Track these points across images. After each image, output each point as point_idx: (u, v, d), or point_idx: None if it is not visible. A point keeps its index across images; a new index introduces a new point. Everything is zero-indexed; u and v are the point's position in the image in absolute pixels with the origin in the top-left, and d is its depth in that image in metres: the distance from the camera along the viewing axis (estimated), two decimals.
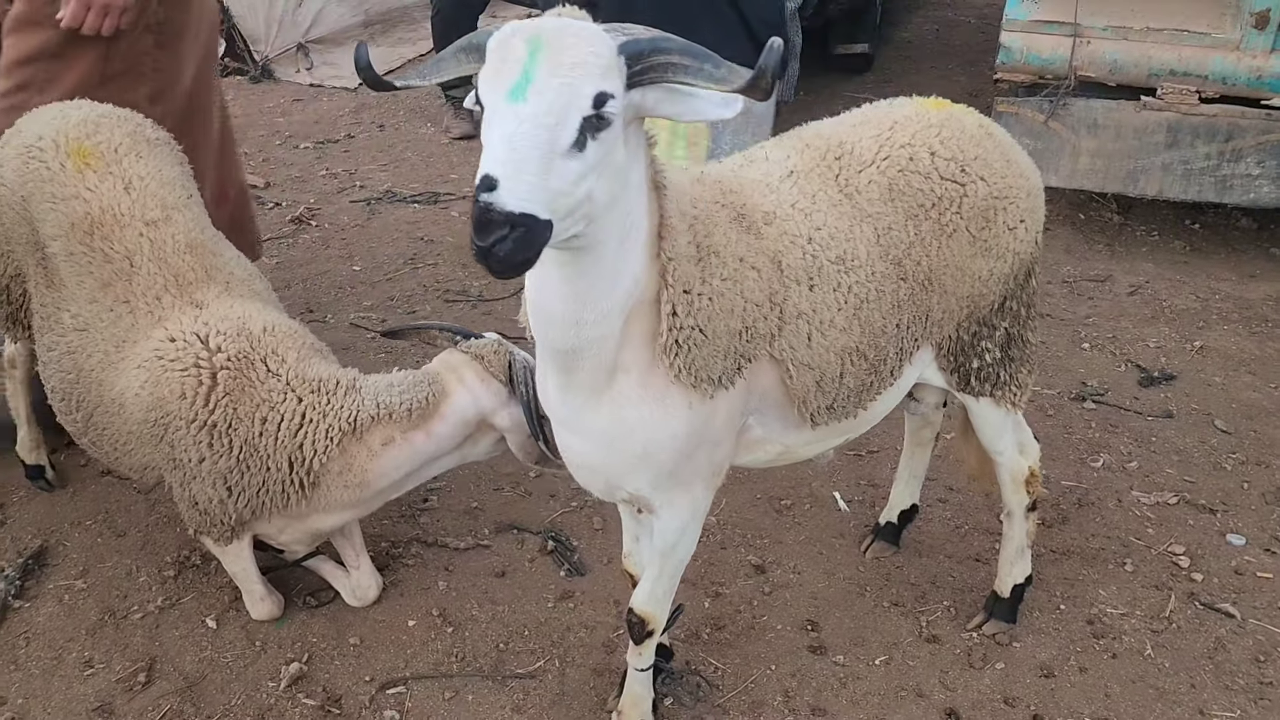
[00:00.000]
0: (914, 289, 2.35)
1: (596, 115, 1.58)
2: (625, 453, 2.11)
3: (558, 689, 2.79)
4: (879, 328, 2.31)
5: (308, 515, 2.75)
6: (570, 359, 1.97)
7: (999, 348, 2.58)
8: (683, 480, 2.20)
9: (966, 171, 2.38)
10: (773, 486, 3.59)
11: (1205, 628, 3.00)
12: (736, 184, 2.23)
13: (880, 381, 2.40)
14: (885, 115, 2.45)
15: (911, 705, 2.74)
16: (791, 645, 2.93)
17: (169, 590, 3.09)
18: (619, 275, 1.86)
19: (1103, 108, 5.03)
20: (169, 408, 2.63)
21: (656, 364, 2.00)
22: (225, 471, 2.62)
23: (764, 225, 2.17)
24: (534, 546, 3.30)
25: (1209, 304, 4.93)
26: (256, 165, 6.32)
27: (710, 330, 2.01)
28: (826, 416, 2.33)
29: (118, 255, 2.77)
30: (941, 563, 3.27)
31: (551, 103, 1.55)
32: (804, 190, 2.27)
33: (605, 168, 1.65)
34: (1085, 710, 2.73)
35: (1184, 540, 3.35)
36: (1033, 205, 2.52)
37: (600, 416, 2.06)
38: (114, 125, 2.93)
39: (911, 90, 2.76)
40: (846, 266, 2.23)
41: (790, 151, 2.37)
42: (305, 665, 2.83)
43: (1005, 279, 2.50)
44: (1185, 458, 3.78)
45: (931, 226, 2.35)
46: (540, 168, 1.53)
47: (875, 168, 2.33)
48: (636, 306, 1.94)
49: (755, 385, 2.19)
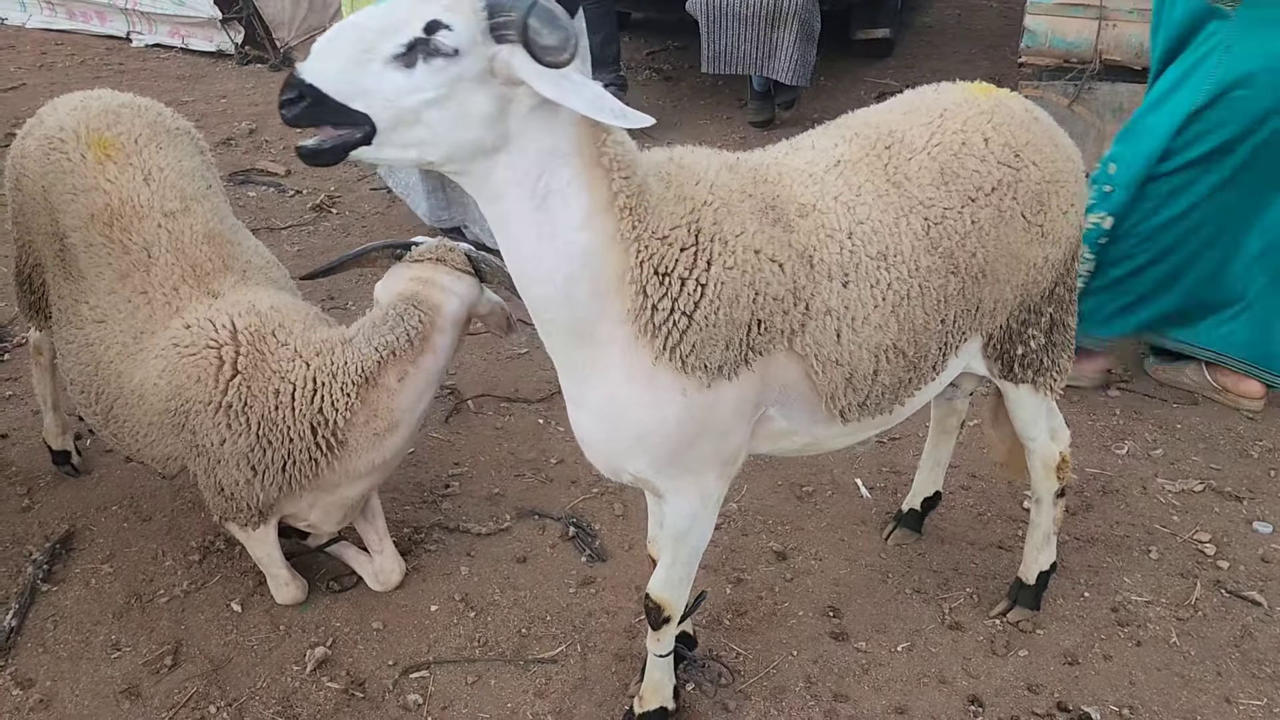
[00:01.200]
0: (965, 282, 2.32)
1: (425, 39, 1.70)
2: (621, 433, 2.13)
3: (580, 674, 2.79)
4: (921, 324, 2.28)
5: (338, 484, 2.76)
6: (537, 319, 2.05)
7: (1044, 334, 2.56)
8: (689, 468, 2.19)
9: (1020, 156, 2.36)
10: (794, 473, 3.58)
11: (1232, 615, 2.98)
12: (775, 173, 2.22)
13: (920, 378, 2.38)
14: (934, 102, 2.42)
15: (934, 692, 2.74)
16: (813, 631, 2.93)
17: (194, 574, 3.11)
18: (552, 239, 1.90)
19: (1128, 91, 4.96)
20: (187, 394, 2.65)
21: (638, 344, 2.01)
22: (246, 450, 2.63)
23: (798, 218, 2.15)
24: (555, 532, 3.30)
25: None
26: (278, 153, 6.34)
27: (700, 317, 2.00)
28: (859, 413, 2.30)
29: (136, 246, 2.79)
30: (964, 550, 3.25)
31: (389, 12, 1.72)
32: (849, 182, 2.24)
33: (448, 101, 1.73)
34: (1110, 698, 2.71)
35: (1210, 528, 3.32)
36: (1080, 189, 2.51)
37: (597, 393, 2.10)
38: (134, 116, 2.94)
39: (933, 75, 2.74)
40: (888, 262, 2.20)
41: (838, 140, 2.34)
42: (329, 649, 2.85)
43: (1058, 264, 2.49)
44: (1211, 445, 3.75)
45: (990, 214, 2.32)
46: (352, 60, 1.69)
47: (926, 153, 2.30)
48: (615, 283, 1.96)
49: (774, 378, 2.17)
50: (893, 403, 2.36)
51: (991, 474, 3.54)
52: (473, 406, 3.95)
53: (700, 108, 7.41)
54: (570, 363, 2.12)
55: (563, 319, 2.02)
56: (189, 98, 7.24)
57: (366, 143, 1.74)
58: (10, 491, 3.43)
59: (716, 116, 7.32)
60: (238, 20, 7.78)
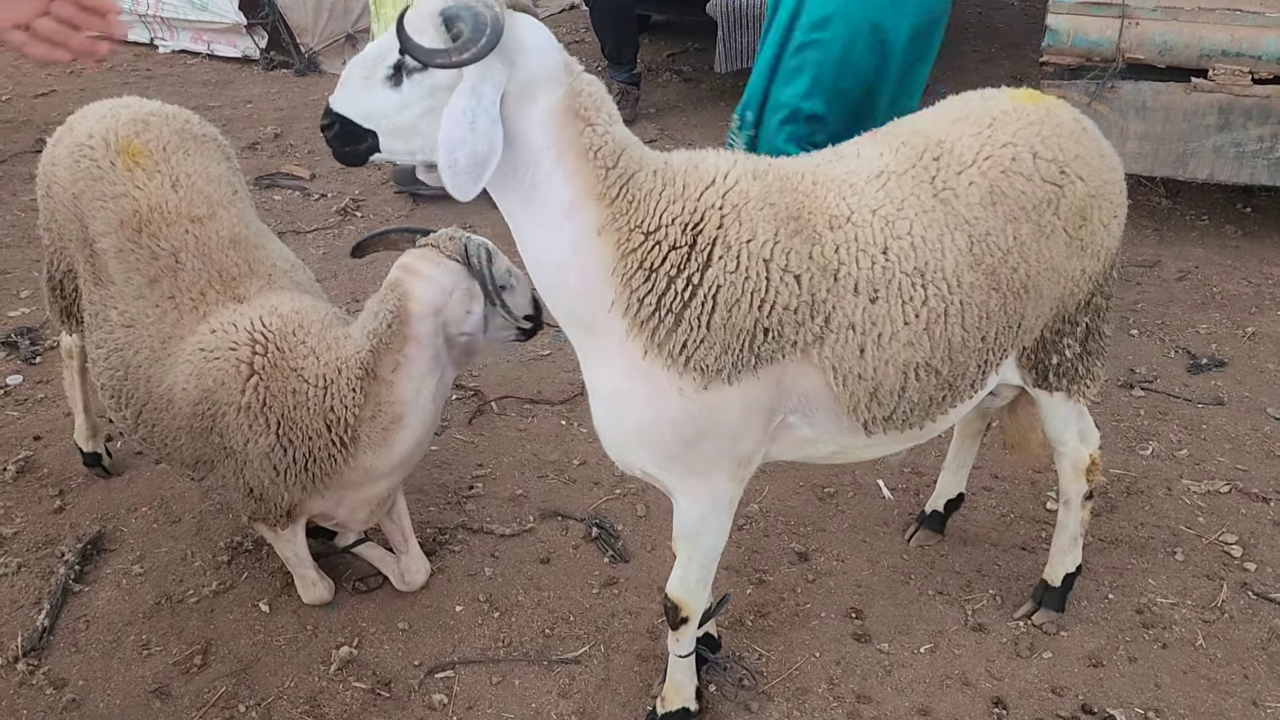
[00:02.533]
0: (1007, 298, 2.31)
1: (403, 59, 1.94)
2: (623, 423, 2.20)
3: (603, 674, 2.81)
4: (959, 342, 2.26)
5: (360, 482, 2.79)
6: (549, 305, 2.21)
7: (1079, 343, 2.56)
8: (696, 468, 2.21)
9: (1066, 173, 2.35)
10: (815, 474, 3.58)
11: (1259, 618, 2.96)
12: (808, 183, 2.21)
13: (955, 395, 2.36)
14: (982, 111, 2.39)
15: (958, 694, 2.74)
16: (836, 633, 2.93)
17: (223, 575, 3.15)
18: (543, 227, 2.03)
19: (1151, 90, 4.93)
20: (214, 397, 2.69)
21: (630, 336, 2.07)
22: (268, 450, 2.67)
23: (827, 230, 2.15)
24: (578, 533, 3.32)
25: (1261, 289, 4.83)
26: (303, 157, 6.39)
27: (691, 318, 2.03)
28: (884, 427, 2.30)
29: (164, 252, 2.83)
30: (987, 551, 3.25)
31: (381, 43, 1.99)
32: (891, 195, 2.22)
33: (433, 110, 1.95)
34: (1135, 700, 2.70)
35: (1236, 529, 3.30)
36: (1122, 200, 2.50)
37: (602, 382, 2.19)
38: (163, 123, 2.98)
39: (953, 74, 2.74)
40: (926, 279, 2.19)
41: (884, 149, 2.32)
42: (355, 649, 2.88)
43: (1095, 276, 2.48)
44: (1237, 445, 3.72)
45: (1031, 229, 2.31)
46: (358, 86, 2.01)
47: (976, 168, 2.28)
48: (603, 274, 2.04)
49: (792, 387, 2.18)
50: (924, 419, 2.34)
51: (1014, 474, 3.54)
52: (496, 408, 3.97)
53: (720, 109, 7.40)
54: (581, 351, 2.22)
55: (563, 306, 2.14)
56: (215, 103, 7.31)
57: (376, 149, 2.05)
58: (43, 493, 3.49)
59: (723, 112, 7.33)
60: (262, 26, 7.85)
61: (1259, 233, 5.40)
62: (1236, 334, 4.47)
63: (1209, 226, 5.49)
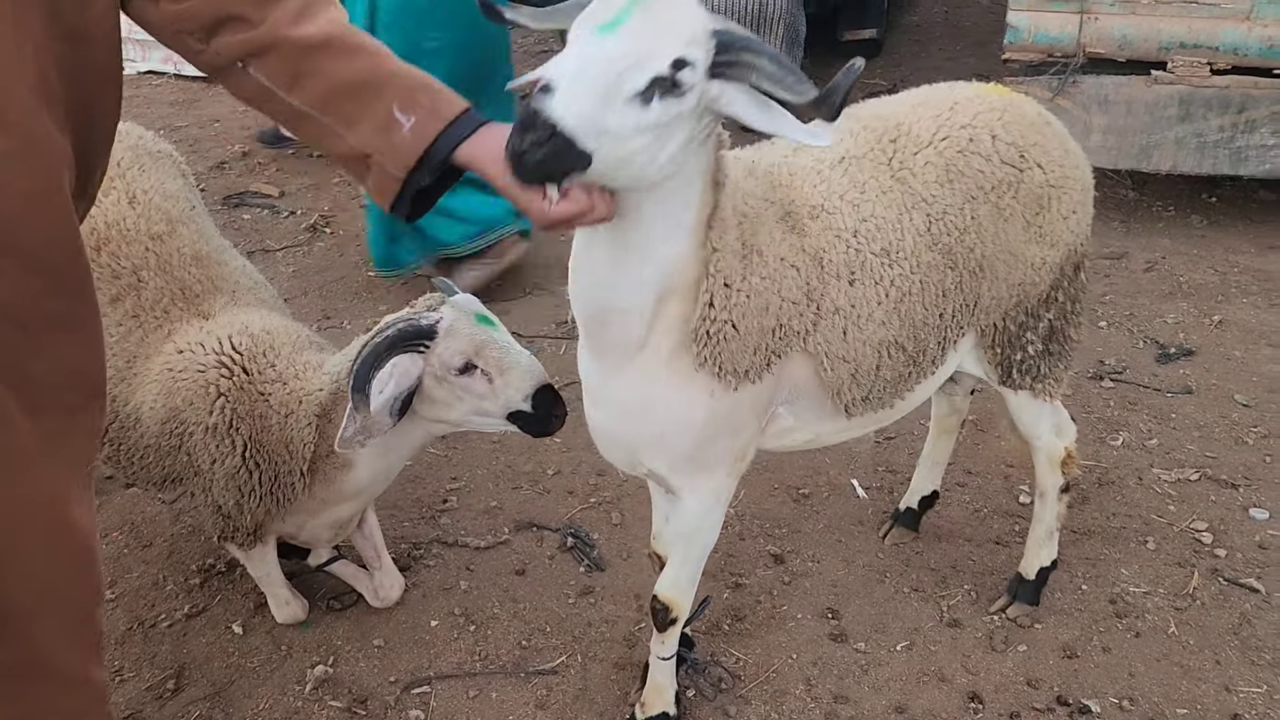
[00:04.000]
0: (963, 276, 2.35)
1: (671, 78, 1.63)
2: (644, 430, 2.17)
3: (580, 684, 2.80)
4: (920, 320, 2.31)
5: (323, 508, 2.77)
6: (600, 325, 2.05)
7: (1041, 340, 2.58)
8: (704, 465, 2.22)
9: (1025, 158, 2.38)
10: (790, 475, 3.59)
11: (1230, 604, 2.98)
12: (787, 175, 2.24)
13: (919, 372, 2.41)
14: (945, 96, 2.45)
15: (934, 690, 2.74)
16: (812, 634, 2.93)
17: (195, 598, 3.13)
18: (660, 252, 1.92)
19: (1113, 84, 4.99)
20: (182, 417, 2.66)
21: (684, 349, 2.04)
22: (234, 471, 2.64)
23: (809, 220, 2.18)
24: (553, 543, 3.32)
25: (1227, 277, 4.88)
26: (271, 175, 6.37)
27: (743, 326, 2.04)
28: (862, 408, 2.34)
29: (125, 270, 2.81)
30: (961, 547, 3.26)
31: (634, 46, 1.61)
32: (854, 179, 2.27)
33: (666, 138, 1.69)
34: (1109, 690, 2.72)
35: (1206, 516, 3.33)
36: (1085, 198, 2.53)
37: (623, 390, 2.13)
38: (116, 140, 2.95)
39: (921, 73, 2.77)
40: (891, 259, 2.24)
41: (845, 134, 2.35)
42: (331, 668, 2.86)
43: (1055, 268, 2.50)
44: (1206, 433, 3.76)
45: (989, 210, 2.35)
46: (600, 99, 1.59)
47: (933, 148, 2.33)
48: (674, 289, 1.98)
49: (787, 379, 2.21)
50: (893, 397, 2.39)
51: (987, 469, 3.56)
52: None
53: None
54: (604, 363, 2.13)
55: (633, 329, 2.02)
56: (183, 122, 7.28)
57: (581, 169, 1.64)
58: None
59: None
60: None
61: (1224, 221, 5.46)
62: (1204, 323, 4.51)
63: (1175, 217, 5.54)
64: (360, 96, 1.73)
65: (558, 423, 2.48)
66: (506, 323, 2.60)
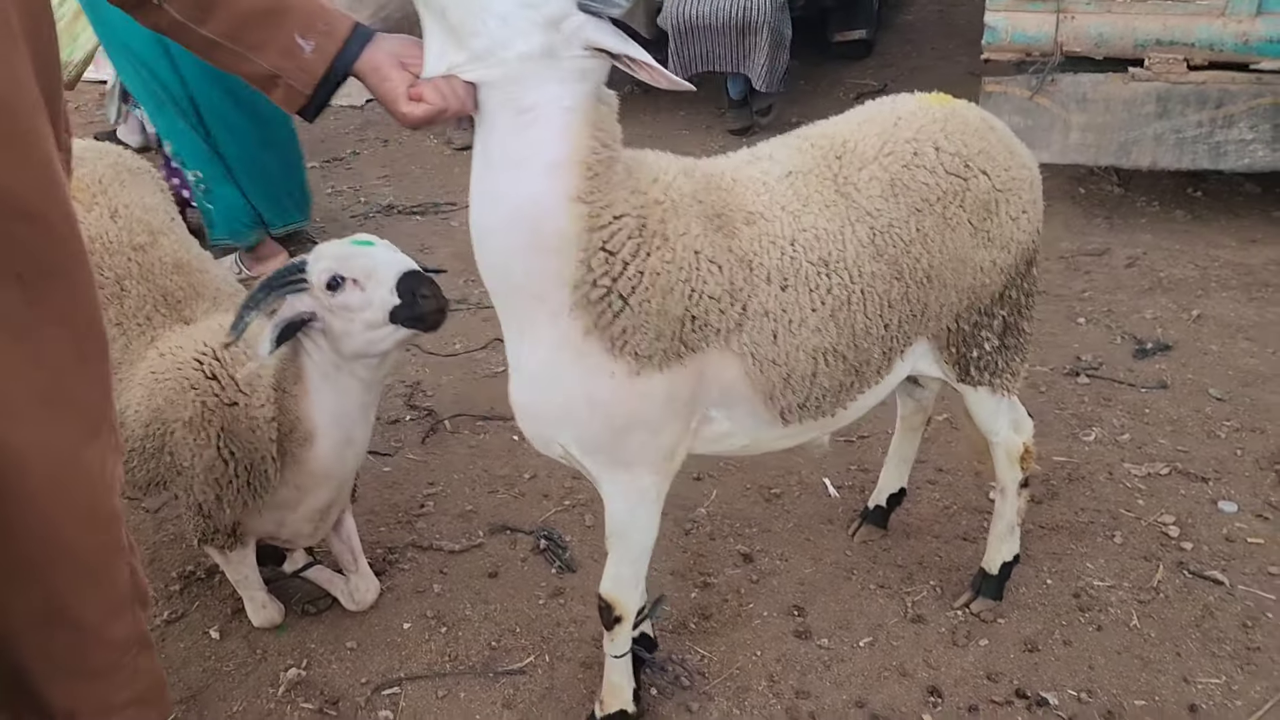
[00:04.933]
0: (910, 287, 2.39)
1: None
2: (549, 401, 2.22)
3: (547, 683, 2.85)
4: (861, 329, 2.35)
5: (296, 502, 2.82)
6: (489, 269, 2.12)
7: (997, 336, 2.61)
8: (621, 459, 2.26)
9: (970, 166, 2.42)
10: (762, 475, 3.63)
11: (1193, 596, 3.01)
12: (729, 181, 2.30)
13: (863, 381, 2.44)
14: (889, 112, 2.49)
15: (895, 685, 2.78)
16: (777, 631, 2.97)
17: (174, 604, 3.19)
18: (515, 170, 1.99)
19: (1091, 81, 5.01)
20: (163, 416, 2.74)
21: (573, 313, 2.09)
22: (210, 463, 2.71)
23: (744, 226, 2.24)
24: (526, 546, 3.37)
25: (1208, 272, 4.90)
26: None
27: (635, 303, 2.09)
28: (800, 414, 2.38)
29: (109, 280, 2.89)
30: (929, 543, 3.29)
31: None
32: (798, 192, 2.32)
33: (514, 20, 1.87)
34: (1068, 683, 2.74)
35: (1174, 510, 3.35)
36: (1034, 196, 2.57)
37: (527, 354, 2.19)
38: (96, 158, 3.05)
39: (913, 73, 2.80)
40: (829, 269, 2.28)
41: (794, 150, 2.42)
42: (304, 670, 2.92)
43: (1007, 269, 2.54)
44: (1179, 427, 3.78)
45: (934, 221, 2.39)
46: None
47: (877, 164, 2.37)
48: (545, 236, 2.02)
49: (713, 378, 2.25)
50: (835, 405, 2.42)
51: (958, 467, 3.59)
52: (449, 426, 4.02)
53: (680, 119, 7.50)
54: (509, 320, 2.19)
55: (501, 264, 2.09)
56: None
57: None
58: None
59: (696, 126, 7.41)
60: None
61: (1207, 216, 5.47)
62: (1182, 317, 4.53)
63: (1159, 212, 5.55)
64: (265, 24, 1.93)
65: (429, 302, 2.46)
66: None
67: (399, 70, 1.96)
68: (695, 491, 3.58)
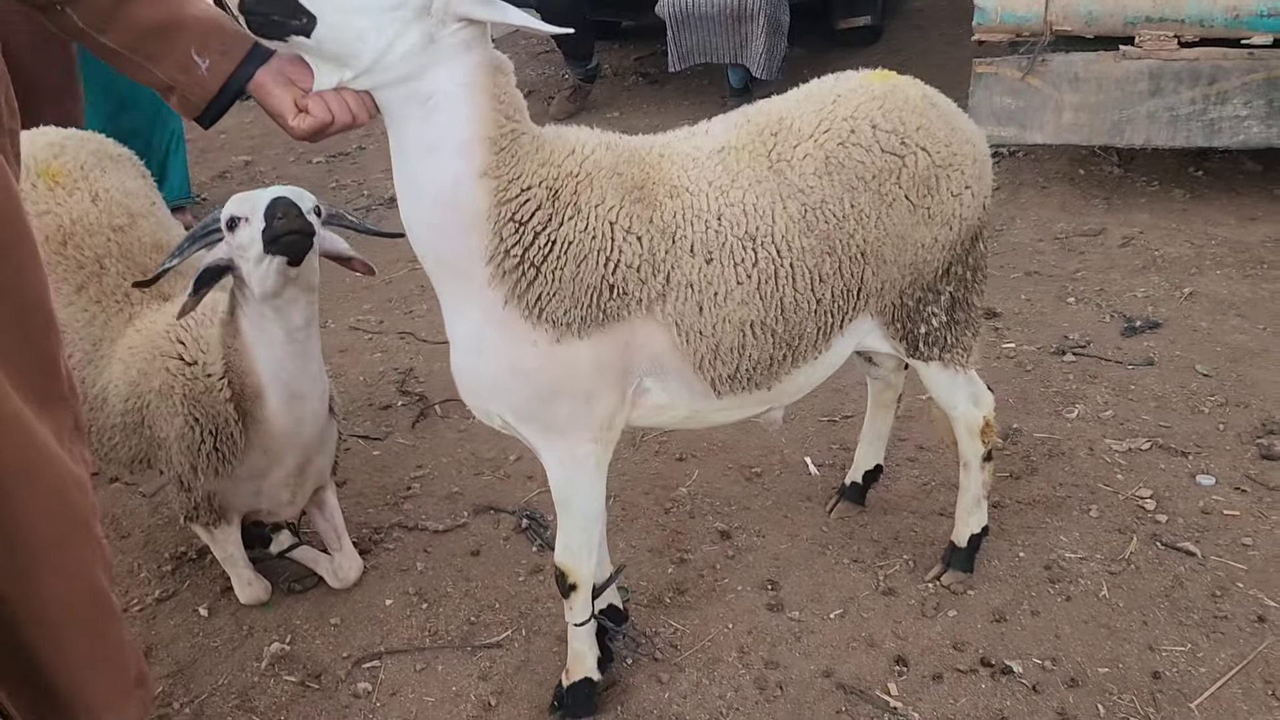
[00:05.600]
0: (842, 262, 2.42)
1: None
2: (481, 371, 2.30)
3: (523, 656, 2.91)
4: (790, 303, 2.38)
5: (266, 469, 2.90)
6: (416, 247, 2.20)
7: (945, 312, 2.63)
8: (554, 427, 2.32)
9: (906, 143, 2.43)
10: (745, 455, 3.68)
11: (1164, 567, 3.02)
12: (655, 156, 2.34)
13: (796, 355, 2.47)
14: (829, 90, 2.51)
15: (862, 655, 2.81)
16: (750, 605, 3.02)
17: (166, 584, 3.29)
18: (430, 158, 2.06)
19: (1082, 60, 5.00)
20: (138, 389, 2.85)
21: (493, 284, 2.16)
22: (183, 431, 2.79)
23: (667, 199, 2.28)
24: (509, 525, 3.43)
25: (1203, 250, 4.88)
26: (270, 182, 6.56)
27: (548, 270, 2.15)
28: (731, 385, 2.41)
29: (89, 260, 3.00)
30: (905, 519, 3.32)
31: None
32: (728, 167, 2.35)
33: (389, 26, 1.92)
34: (1034, 651, 2.77)
35: (1152, 484, 3.36)
36: (979, 172, 2.57)
37: (459, 324, 2.27)
38: (78, 145, 3.16)
39: (920, 58, 2.81)
40: (756, 243, 2.31)
41: (730, 127, 2.45)
42: (287, 645, 3.00)
43: (950, 245, 2.56)
44: (1163, 403, 3.78)
45: (870, 198, 2.41)
46: None
47: (813, 141, 2.39)
48: (476, 220, 2.10)
49: (642, 347, 2.29)
50: (769, 379, 2.45)
51: (941, 449, 3.61)
52: (439, 411, 4.09)
53: (684, 108, 7.53)
54: (444, 295, 2.28)
55: (433, 245, 2.18)
56: (190, 135, 7.48)
57: (304, 34, 1.92)
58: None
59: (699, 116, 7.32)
60: None
61: (1207, 195, 5.44)
62: (1174, 295, 4.52)
63: (1158, 192, 5.53)
64: (162, 39, 2.02)
65: (282, 223, 2.45)
66: None
67: (285, 87, 2.05)
68: (677, 471, 3.63)
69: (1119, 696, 2.62)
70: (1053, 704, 2.61)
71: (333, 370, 4.30)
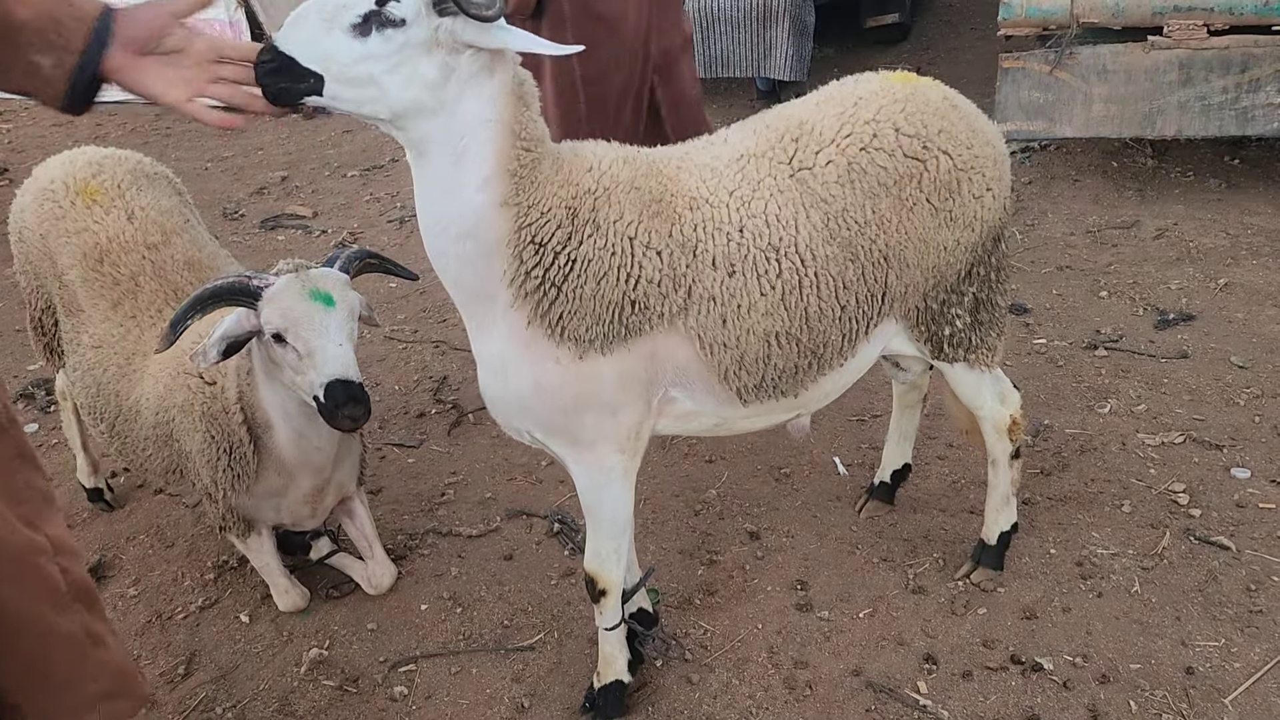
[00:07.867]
0: (865, 268, 2.40)
1: (378, 11, 1.92)
2: (508, 390, 2.32)
3: (555, 659, 2.95)
4: (815, 313, 2.37)
5: (283, 488, 2.96)
6: (438, 270, 2.22)
7: (969, 313, 2.63)
8: (579, 439, 2.35)
9: (929, 147, 2.42)
10: (774, 456, 3.69)
11: (1198, 561, 3.00)
12: (674, 168, 2.35)
13: (822, 363, 2.46)
14: (849, 92, 2.49)
15: (891, 653, 2.82)
16: (779, 605, 3.04)
17: (209, 591, 3.37)
18: (454, 195, 2.09)
19: (1110, 52, 4.96)
20: (165, 404, 2.94)
21: (516, 305, 2.20)
22: (203, 446, 2.87)
23: (687, 211, 2.28)
24: (541, 529, 3.48)
25: (1239, 240, 4.82)
26: (306, 197, 6.68)
27: (569, 290, 2.17)
28: (757, 394, 2.41)
29: (125, 277, 3.09)
30: (935, 517, 3.32)
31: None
32: (749, 176, 2.34)
33: (399, 67, 1.95)
34: (1065, 648, 2.76)
35: (1185, 478, 3.33)
36: (999, 173, 2.56)
37: (486, 346, 2.30)
38: (116, 164, 3.26)
39: (950, 54, 2.80)
40: (780, 254, 2.31)
41: (749, 133, 2.44)
42: (326, 650, 3.07)
43: (973, 247, 2.55)
44: (1197, 396, 3.74)
45: (891, 203, 2.39)
46: (316, 31, 1.92)
47: (835, 146, 2.37)
48: (485, 241, 2.13)
49: (666, 359, 2.31)
50: (795, 387, 2.45)
51: (961, 441, 3.60)
52: (473, 419, 4.15)
53: (712, 110, 7.51)
54: (470, 318, 2.32)
55: (456, 274, 2.21)
56: (229, 152, 7.67)
57: (316, 94, 1.94)
58: None
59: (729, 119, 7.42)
60: None
61: (1244, 184, 5.37)
62: (1209, 286, 4.47)
63: (1192, 182, 5.47)
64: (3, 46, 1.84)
65: (346, 421, 2.51)
66: None
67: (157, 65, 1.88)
68: (707, 474, 3.66)
69: (1151, 693, 2.61)
70: (1084, 700, 2.60)
71: (369, 380, 4.38)
